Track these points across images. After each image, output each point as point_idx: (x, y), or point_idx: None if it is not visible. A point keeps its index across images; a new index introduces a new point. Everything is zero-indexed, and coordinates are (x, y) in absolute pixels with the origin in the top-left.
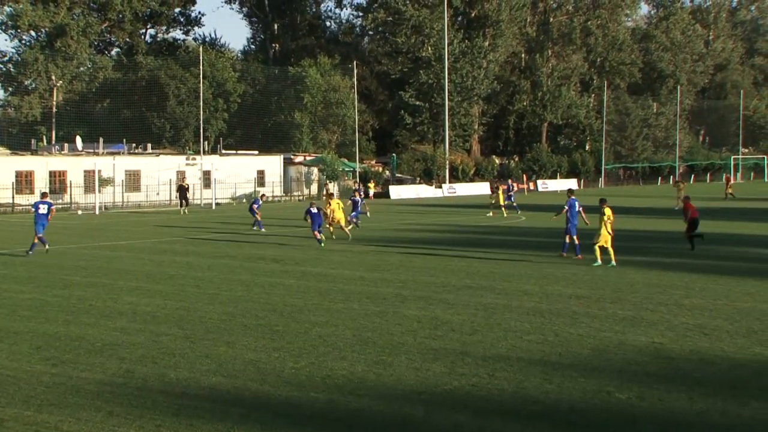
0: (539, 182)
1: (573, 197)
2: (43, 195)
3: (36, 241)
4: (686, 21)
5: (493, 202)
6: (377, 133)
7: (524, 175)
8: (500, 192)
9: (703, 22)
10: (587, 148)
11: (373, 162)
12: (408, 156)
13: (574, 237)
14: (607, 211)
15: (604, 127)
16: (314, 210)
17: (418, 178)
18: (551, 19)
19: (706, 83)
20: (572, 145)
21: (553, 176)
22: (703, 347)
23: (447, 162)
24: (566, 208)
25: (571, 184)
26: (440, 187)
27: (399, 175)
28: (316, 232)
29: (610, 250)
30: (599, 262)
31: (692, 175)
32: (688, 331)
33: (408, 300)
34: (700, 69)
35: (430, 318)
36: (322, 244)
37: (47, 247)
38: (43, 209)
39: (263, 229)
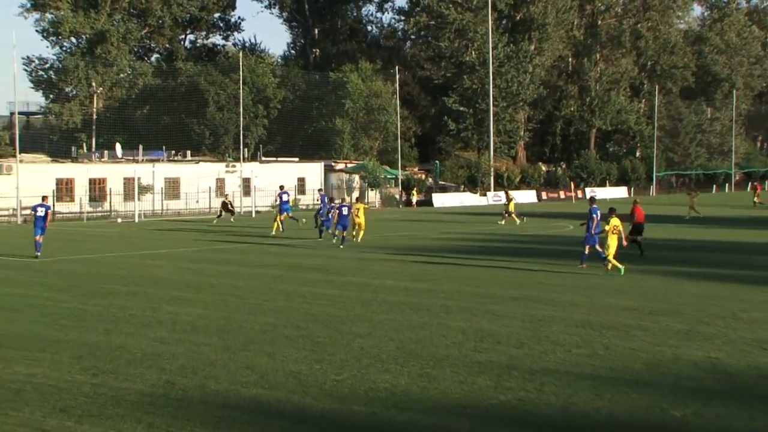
0: (587, 190)
1: (594, 206)
2: (43, 198)
3: (40, 240)
4: (742, 22)
5: (506, 212)
6: (420, 139)
7: (572, 183)
8: (512, 200)
9: (760, 24)
10: (638, 154)
11: (416, 169)
12: (451, 163)
13: (594, 246)
14: (614, 221)
15: (656, 132)
16: (345, 211)
17: (462, 186)
18: (599, 22)
19: (764, 87)
20: (622, 151)
21: (602, 184)
22: (763, 362)
23: (492, 169)
24: (595, 217)
25: (619, 192)
26: (485, 195)
27: (442, 183)
28: (337, 231)
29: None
30: (621, 268)
31: (749, 183)
32: (746, 346)
33: (453, 311)
34: (757, 72)
35: (475, 330)
36: (334, 241)
37: (38, 253)
38: (40, 212)
39: (303, 220)
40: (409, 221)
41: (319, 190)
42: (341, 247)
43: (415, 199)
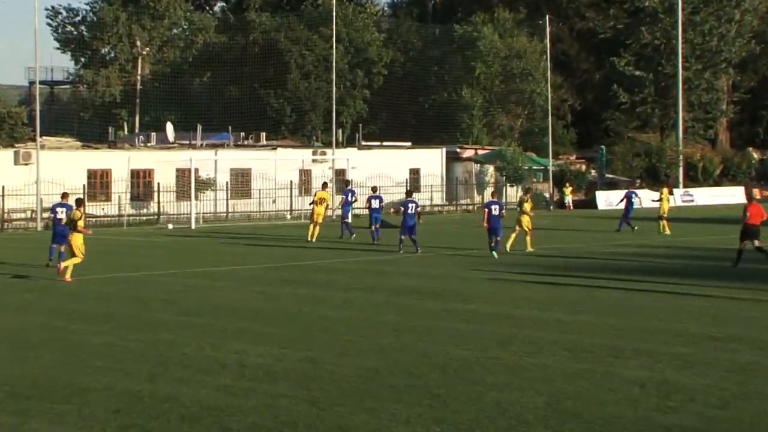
0: None
1: None
2: (64, 196)
3: (62, 249)
4: None
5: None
6: (579, 116)
7: None
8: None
9: None
10: None
11: (573, 157)
12: (623, 148)
13: None
14: None
15: None
16: (410, 209)
17: (638, 180)
18: None
19: None
20: None
21: None
22: None
23: (681, 157)
24: None
25: None
26: (671, 192)
27: (610, 176)
28: (404, 236)
29: None
30: None
31: None
32: None
33: (625, 354)
34: None
35: (658, 382)
36: (401, 252)
37: (52, 258)
38: (60, 213)
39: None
40: (564, 230)
41: (346, 182)
42: (401, 252)
43: (569, 198)
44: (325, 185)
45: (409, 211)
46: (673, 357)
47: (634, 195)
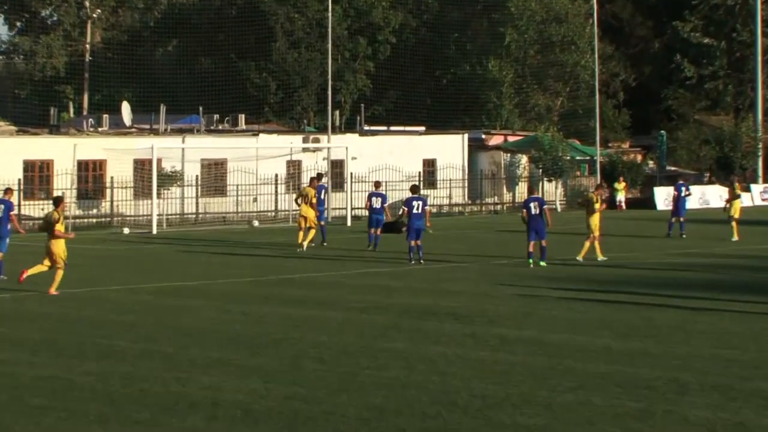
0: None
1: None
2: (6, 192)
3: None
4: None
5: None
6: (633, 94)
7: None
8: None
9: None
10: None
11: (626, 145)
12: (689, 134)
13: None
14: None
15: None
16: (418, 208)
17: (707, 174)
18: None
19: None
20: None
21: None
22: None
23: (759, 145)
24: None
25: None
26: (747, 189)
27: (671, 169)
28: (413, 241)
29: None
30: None
31: None
32: None
33: (691, 390)
34: None
35: (733, 425)
36: (413, 262)
37: (3, 276)
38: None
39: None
40: (615, 235)
41: (318, 176)
42: (412, 263)
43: (621, 196)
44: (318, 178)
45: (415, 211)
46: (751, 394)
47: (683, 188)
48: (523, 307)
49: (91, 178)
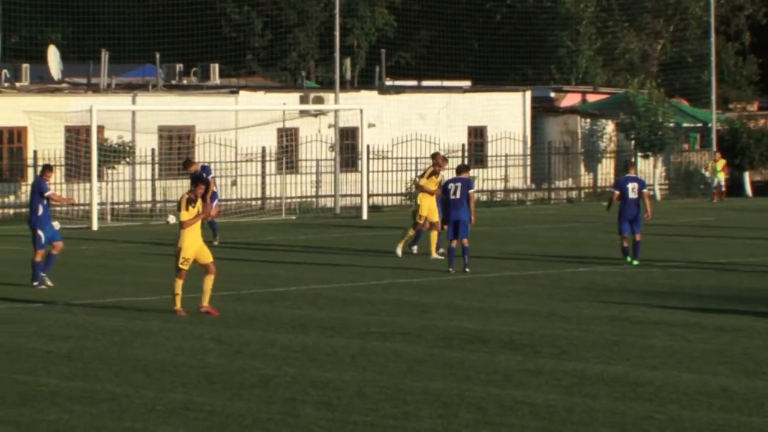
0: None
1: None
2: (44, 171)
3: None
4: None
5: None
6: (764, 36)
7: None
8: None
9: None
10: None
11: (754, 107)
12: None
13: None
14: None
15: None
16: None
17: None
18: None
19: None
20: None
21: None
22: None
23: None
24: None
25: None
26: None
27: None
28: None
29: None
30: None
31: None
32: None
33: None
34: None
35: None
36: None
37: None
38: None
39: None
40: (732, 233)
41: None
42: (452, 270)
43: (721, 177)
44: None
45: (452, 196)
46: None
47: None
48: (607, 333)
49: (6, 153)
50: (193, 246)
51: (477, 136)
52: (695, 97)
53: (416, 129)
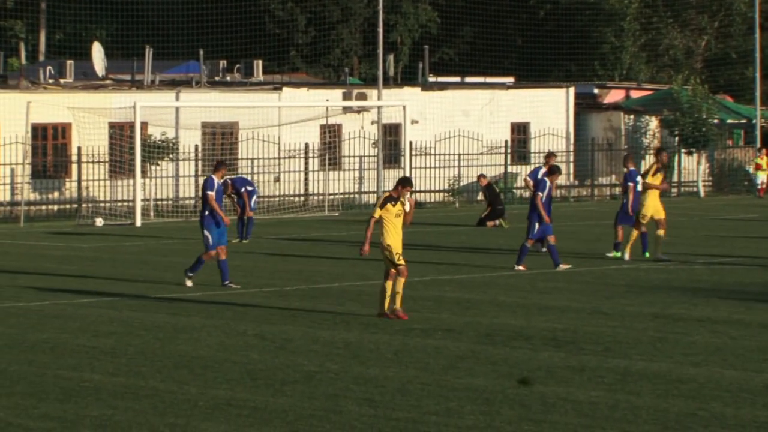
0: None
1: None
2: (217, 167)
3: None
4: None
5: None
6: None
7: None
8: None
9: None
10: None
11: None
12: None
13: None
14: None
15: None
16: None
17: None
18: None
19: None
20: None
21: None
22: None
23: None
24: None
25: None
26: None
27: None
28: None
29: None
30: None
31: None
32: None
33: None
34: None
35: None
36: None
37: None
38: None
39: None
40: None
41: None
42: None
43: (763, 176)
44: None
45: (541, 191)
46: None
47: None
48: (650, 330)
49: (50, 150)
50: (397, 241)
51: (520, 132)
52: (739, 94)
53: (459, 125)
